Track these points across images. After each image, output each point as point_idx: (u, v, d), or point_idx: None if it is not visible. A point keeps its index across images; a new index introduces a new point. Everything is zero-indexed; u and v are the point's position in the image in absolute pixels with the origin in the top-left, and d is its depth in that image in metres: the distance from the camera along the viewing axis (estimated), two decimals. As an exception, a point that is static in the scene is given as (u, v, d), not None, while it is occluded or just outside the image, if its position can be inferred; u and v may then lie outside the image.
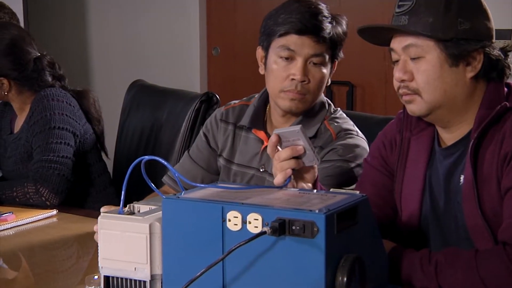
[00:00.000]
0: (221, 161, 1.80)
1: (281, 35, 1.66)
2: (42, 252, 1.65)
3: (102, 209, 1.54)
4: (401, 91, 1.39)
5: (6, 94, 2.10)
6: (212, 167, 1.82)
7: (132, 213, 1.34)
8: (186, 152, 1.87)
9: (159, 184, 2.29)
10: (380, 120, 1.85)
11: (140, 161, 1.32)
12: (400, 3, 1.37)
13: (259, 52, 1.74)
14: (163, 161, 1.30)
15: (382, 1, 3.71)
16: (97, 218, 1.90)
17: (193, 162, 1.83)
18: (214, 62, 4.57)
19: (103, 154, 2.26)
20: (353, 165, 1.67)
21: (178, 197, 1.22)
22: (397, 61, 1.39)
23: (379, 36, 1.41)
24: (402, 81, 1.37)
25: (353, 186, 1.62)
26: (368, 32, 1.41)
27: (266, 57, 1.71)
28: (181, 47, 4.47)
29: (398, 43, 1.38)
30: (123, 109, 2.44)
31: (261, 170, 1.73)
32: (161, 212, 1.28)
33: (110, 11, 4.55)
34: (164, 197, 1.24)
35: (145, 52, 4.50)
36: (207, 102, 2.18)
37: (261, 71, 1.74)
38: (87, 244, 1.69)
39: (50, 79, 2.14)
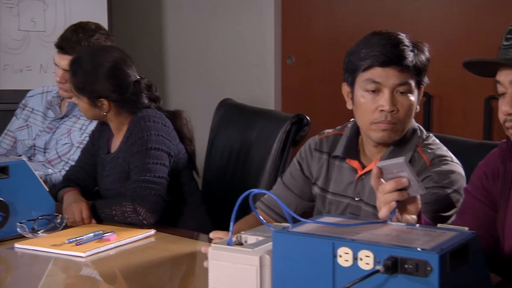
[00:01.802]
0: (316, 190, 1.83)
1: (365, 69, 1.69)
2: (142, 272, 1.70)
3: (211, 235, 1.59)
4: (507, 124, 1.39)
5: (105, 115, 2.18)
6: (306, 194, 1.86)
7: (240, 243, 1.38)
8: (279, 179, 1.90)
9: (245, 206, 2.33)
10: (475, 145, 1.84)
11: (249, 194, 1.35)
12: (507, 36, 1.37)
13: (345, 88, 1.77)
14: (271, 195, 1.34)
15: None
16: (193, 238, 1.99)
17: (287, 189, 1.87)
18: (289, 71, 4.59)
19: (194, 173, 2.32)
20: (449, 191, 1.67)
21: (288, 231, 1.25)
22: (503, 94, 1.39)
23: (484, 68, 1.41)
24: (509, 114, 1.37)
25: (452, 212, 1.63)
26: (474, 65, 1.41)
27: (352, 92, 1.73)
28: (256, 56, 4.50)
29: (505, 76, 1.37)
30: (212, 127, 2.49)
31: (356, 199, 1.75)
32: (269, 243, 1.31)
33: (186, 23, 4.63)
34: (274, 230, 1.27)
35: (220, 60, 4.56)
36: (298, 124, 2.21)
37: (349, 106, 1.77)
38: (187, 266, 1.74)
39: (146, 101, 2.21)
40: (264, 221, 1.38)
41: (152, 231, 1.96)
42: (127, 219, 2.04)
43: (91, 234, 1.87)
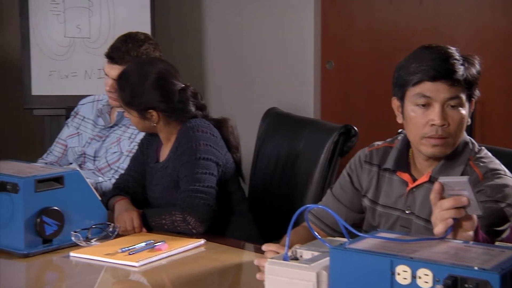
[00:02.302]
0: (365, 202, 1.84)
1: (415, 84, 1.69)
2: (194, 283, 1.72)
3: (263, 247, 1.60)
4: None
5: (155, 126, 2.22)
6: (355, 206, 1.86)
7: (295, 258, 1.39)
8: (329, 190, 1.91)
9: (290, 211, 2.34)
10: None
11: (305, 209, 1.36)
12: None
13: (395, 102, 1.77)
14: (329, 210, 1.35)
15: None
16: (242, 248, 2.01)
17: (337, 201, 1.87)
18: (328, 76, 4.58)
19: (240, 181, 2.34)
20: (503, 205, 1.66)
21: (345, 248, 1.26)
22: None
23: None
24: None
25: (506, 227, 1.62)
26: None
27: (402, 106, 1.73)
28: (295, 60, 4.51)
29: None
30: (259, 136, 2.51)
31: (407, 212, 1.75)
32: (326, 259, 1.32)
33: (226, 29, 4.66)
34: (332, 247, 1.28)
35: (258, 64, 4.57)
36: (346, 135, 2.21)
37: (399, 120, 1.77)
38: (238, 277, 1.76)
39: (193, 109, 2.24)
40: (319, 236, 1.39)
41: (202, 241, 1.99)
42: (176, 228, 2.07)
43: (143, 244, 1.91)
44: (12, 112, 4.48)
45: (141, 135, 2.43)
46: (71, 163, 2.67)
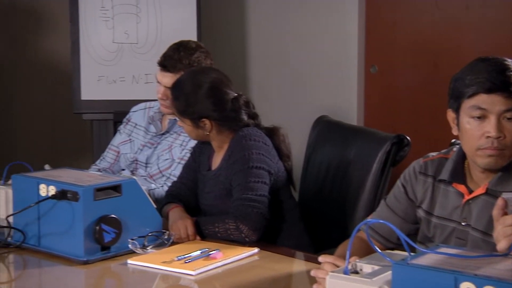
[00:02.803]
0: (420, 213, 1.84)
1: (470, 96, 1.69)
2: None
3: (320, 259, 1.61)
4: None
5: (208, 134, 2.25)
6: (410, 217, 1.86)
7: (355, 271, 1.40)
8: (383, 201, 1.92)
9: (336, 223, 2.33)
10: None
11: (365, 224, 1.37)
12: None
13: (450, 114, 1.77)
14: (390, 225, 1.35)
15: None
16: (295, 257, 2.02)
17: (391, 211, 1.88)
18: (372, 80, 4.57)
19: (291, 189, 2.36)
20: None
21: (408, 263, 1.27)
22: None
23: None
24: None
25: None
26: None
27: (457, 118, 1.73)
28: (338, 63, 4.50)
29: None
30: (309, 143, 2.53)
31: (463, 223, 1.75)
32: (387, 273, 1.33)
33: (269, 32, 4.68)
34: (394, 262, 1.29)
35: (301, 67, 4.58)
36: (398, 144, 2.21)
37: (454, 132, 1.77)
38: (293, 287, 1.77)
39: (245, 118, 2.27)
40: (380, 251, 1.40)
41: (256, 250, 2.01)
42: (229, 236, 2.10)
43: (198, 252, 1.93)
44: (61, 116, 4.57)
45: (192, 142, 2.46)
46: (123, 169, 2.71)
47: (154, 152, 2.65)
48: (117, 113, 4.04)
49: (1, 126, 4.49)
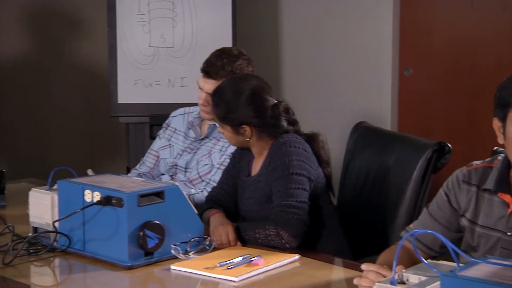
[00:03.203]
0: (464, 222, 1.83)
1: None
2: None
3: (363, 266, 1.62)
4: None
5: (248, 140, 2.26)
6: (453, 226, 1.86)
7: (402, 282, 1.41)
8: (425, 209, 1.91)
9: (376, 230, 2.33)
10: None
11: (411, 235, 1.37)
12: None
13: (496, 123, 1.76)
14: (439, 236, 1.35)
15: None
16: (335, 264, 2.03)
17: (433, 220, 1.87)
18: (406, 83, 4.54)
19: (331, 195, 2.36)
20: None
21: (457, 275, 1.27)
22: None
23: None
24: None
25: None
26: None
27: (503, 127, 1.72)
28: (372, 66, 4.49)
29: None
30: (348, 149, 2.53)
31: (508, 233, 1.74)
32: (434, 285, 1.34)
33: (303, 34, 4.68)
34: (442, 274, 1.29)
35: (335, 69, 4.58)
36: (439, 152, 2.21)
37: (500, 140, 1.76)
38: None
39: (285, 124, 2.28)
40: (425, 261, 1.40)
41: (297, 256, 2.02)
42: (270, 242, 2.11)
43: (240, 258, 1.95)
44: (99, 119, 4.63)
45: (232, 148, 2.48)
46: (162, 174, 2.75)
47: (193, 157, 2.68)
48: (153, 116, 4.08)
49: (39, 128, 4.57)
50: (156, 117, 4.05)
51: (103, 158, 4.75)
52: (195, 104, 2.69)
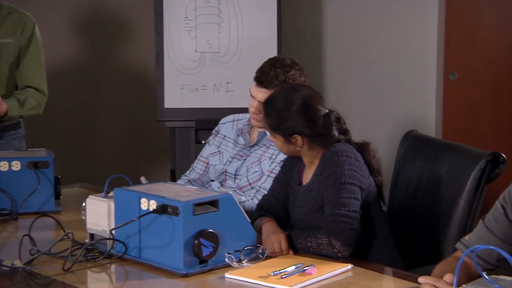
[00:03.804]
0: (522, 234, 1.82)
1: None
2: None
3: (420, 279, 1.62)
4: None
5: (299, 150, 2.28)
6: (510, 239, 1.84)
7: (461, 296, 1.41)
8: (481, 221, 1.90)
9: (428, 240, 2.33)
10: None
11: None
12: None
13: None
14: (501, 252, 1.35)
15: None
16: (388, 274, 2.03)
17: (489, 233, 1.86)
18: (451, 87, 4.50)
19: (382, 204, 2.36)
20: None
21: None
22: None
23: None
24: None
25: None
26: None
27: None
28: (417, 69, 4.46)
29: None
30: (398, 158, 2.53)
31: None
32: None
33: (347, 40, 4.68)
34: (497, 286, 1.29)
35: (380, 73, 4.56)
36: (493, 162, 2.19)
37: None
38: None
39: (336, 133, 2.29)
40: (487, 277, 1.40)
41: (350, 266, 2.02)
42: (322, 251, 2.12)
43: (293, 267, 1.97)
44: (145, 124, 4.69)
45: (282, 155, 2.50)
46: (212, 180, 2.78)
47: (243, 164, 2.70)
48: (198, 120, 4.13)
49: (86, 132, 4.65)
50: (201, 121, 4.10)
51: (147, 161, 4.81)
52: (241, 109, 2.70)
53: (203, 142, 4.11)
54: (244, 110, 2.73)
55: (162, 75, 4.13)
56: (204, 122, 4.07)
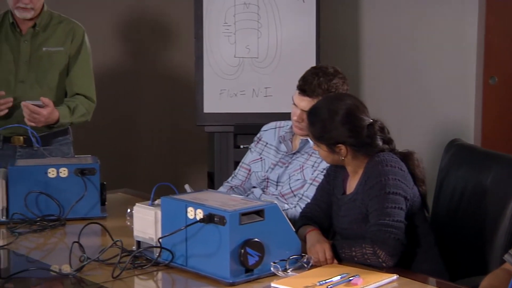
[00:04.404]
0: None
1: None
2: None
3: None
4: None
5: (343, 159, 2.29)
6: None
7: (515, 313, 1.40)
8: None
9: (473, 250, 2.32)
10: None
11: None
12: None
13: None
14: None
15: None
16: (433, 285, 2.02)
17: None
18: (491, 92, 4.46)
19: (426, 214, 2.36)
20: None
21: None
22: None
23: None
24: None
25: None
26: None
27: None
28: (456, 73, 4.42)
29: None
30: (442, 167, 2.52)
31: None
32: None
33: (385, 43, 4.66)
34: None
35: (419, 78, 4.53)
36: (540, 172, 2.18)
37: None
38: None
39: (380, 143, 2.29)
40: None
41: (395, 277, 2.03)
42: (366, 261, 2.13)
43: (338, 277, 1.98)
44: (185, 128, 4.73)
45: (324, 163, 2.51)
46: (254, 187, 2.80)
47: (285, 171, 2.71)
48: (237, 125, 4.16)
49: (127, 136, 4.70)
50: (240, 126, 4.13)
51: (184, 165, 4.85)
52: (279, 114, 2.70)
53: (241, 146, 4.14)
54: (283, 115, 2.75)
55: (201, 80, 4.17)
56: (243, 127, 4.10)
